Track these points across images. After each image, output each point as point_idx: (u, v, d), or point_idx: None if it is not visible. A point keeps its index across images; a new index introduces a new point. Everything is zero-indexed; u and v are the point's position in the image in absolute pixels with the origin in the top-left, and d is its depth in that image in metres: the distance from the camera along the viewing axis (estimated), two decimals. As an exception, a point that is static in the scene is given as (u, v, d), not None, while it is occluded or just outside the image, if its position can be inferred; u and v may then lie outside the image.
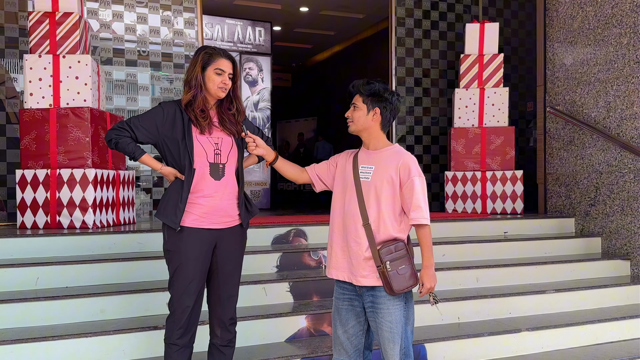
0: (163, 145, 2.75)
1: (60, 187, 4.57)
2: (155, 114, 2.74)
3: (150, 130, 2.71)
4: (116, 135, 2.70)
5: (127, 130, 2.70)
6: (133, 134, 2.70)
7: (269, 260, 4.27)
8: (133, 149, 2.72)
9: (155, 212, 2.80)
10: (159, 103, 2.81)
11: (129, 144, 2.71)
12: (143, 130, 2.71)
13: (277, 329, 3.67)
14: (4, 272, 3.60)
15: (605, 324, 4.21)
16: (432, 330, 3.90)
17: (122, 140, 2.69)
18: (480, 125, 6.23)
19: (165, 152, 2.76)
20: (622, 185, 5.16)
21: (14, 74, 5.70)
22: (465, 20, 7.52)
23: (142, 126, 2.71)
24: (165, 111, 2.73)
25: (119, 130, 2.70)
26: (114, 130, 2.71)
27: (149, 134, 2.72)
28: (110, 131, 2.72)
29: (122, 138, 2.70)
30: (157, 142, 2.75)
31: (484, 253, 4.91)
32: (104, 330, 3.27)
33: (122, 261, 3.87)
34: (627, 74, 5.16)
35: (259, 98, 8.75)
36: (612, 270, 5.01)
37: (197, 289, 2.74)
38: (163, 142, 2.74)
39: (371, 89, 2.63)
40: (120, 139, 2.69)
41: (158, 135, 2.73)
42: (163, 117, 2.72)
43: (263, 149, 2.75)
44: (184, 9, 6.40)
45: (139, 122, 2.72)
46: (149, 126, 2.71)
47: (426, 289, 2.60)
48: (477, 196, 6.13)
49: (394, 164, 2.59)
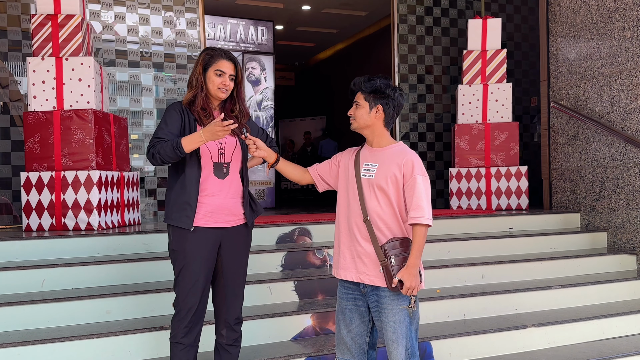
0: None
1: (65, 189, 4.59)
2: (171, 114, 2.74)
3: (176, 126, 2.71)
4: (153, 151, 2.65)
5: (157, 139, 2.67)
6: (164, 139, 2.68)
7: (273, 259, 4.28)
8: (172, 145, 2.61)
9: (164, 218, 2.80)
10: (168, 106, 2.82)
11: (165, 145, 2.63)
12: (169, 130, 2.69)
13: (282, 328, 3.68)
14: (10, 275, 3.62)
15: (611, 319, 4.20)
16: (437, 328, 3.90)
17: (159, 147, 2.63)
18: (484, 121, 6.21)
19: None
20: (627, 180, 5.13)
21: (17, 77, 5.71)
22: (468, 16, 7.49)
23: (170, 132, 2.69)
24: (177, 111, 2.75)
25: (152, 146, 2.67)
26: (150, 149, 2.68)
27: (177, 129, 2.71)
28: (148, 153, 2.69)
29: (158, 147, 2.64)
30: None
31: (489, 249, 4.90)
32: (110, 332, 3.28)
33: (128, 262, 3.89)
34: (630, 67, 5.14)
35: (262, 97, 8.75)
36: (618, 265, 4.99)
37: (202, 288, 2.75)
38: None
39: (373, 86, 2.61)
40: (161, 148, 2.63)
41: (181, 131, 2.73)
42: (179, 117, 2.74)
43: (264, 150, 2.75)
44: (186, 9, 6.40)
45: (163, 127, 2.70)
46: (173, 125, 2.71)
47: (406, 288, 2.47)
48: (482, 192, 6.11)
49: (397, 162, 2.57)
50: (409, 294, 2.50)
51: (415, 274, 2.49)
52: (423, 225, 2.51)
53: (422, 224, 2.50)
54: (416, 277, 2.49)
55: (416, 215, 2.50)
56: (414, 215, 2.51)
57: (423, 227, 2.51)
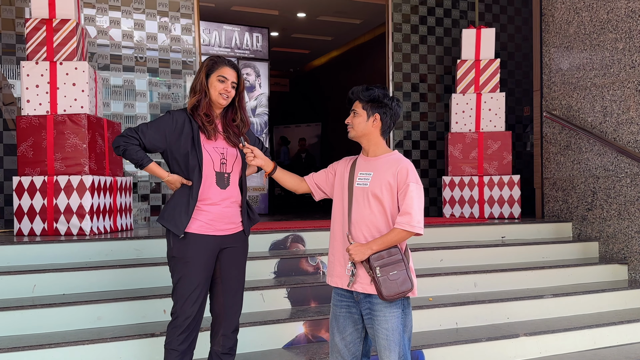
0: (169, 154, 2.77)
1: (58, 194, 4.57)
2: (165, 122, 2.76)
3: (158, 137, 2.73)
4: (124, 143, 2.70)
5: (135, 138, 2.70)
6: (141, 142, 2.70)
7: (266, 266, 4.27)
8: (141, 157, 2.72)
9: (158, 217, 2.81)
10: (168, 111, 2.83)
11: (137, 152, 2.71)
12: (151, 137, 2.72)
13: (275, 336, 3.67)
14: (0, 280, 3.59)
15: (603, 329, 4.22)
16: (430, 336, 3.90)
17: (130, 147, 2.69)
18: (477, 130, 6.25)
19: (171, 160, 2.79)
20: (619, 190, 5.17)
21: (11, 80, 5.69)
22: (462, 25, 7.54)
23: (149, 133, 2.71)
24: (175, 119, 2.76)
25: (127, 137, 2.70)
26: (122, 137, 2.71)
27: (157, 141, 2.73)
28: (118, 138, 2.72)
29: (130, 145, 2.69)
30: (165, 150, 2.77)
31: (482, 258, 4.91)
32: (101, 338, 3.26)
33: (120, 268, 3.87)
34: (623, 78, 5.18)
35: (257, 103, 8.75)
36: (610, 274, 5.02)
37: (201, 296, 2.76)
38: (169, 151, 2.76)
39: (371, 95, 2.63)
40: (129, 147, 2.69)
41: (166, 143, 2.74)
42: (172, 125, 2.75)
43: (261, 159, 2.76)
44: (181, 15, 6.41)
45: (147, 129, 2.73)
46: (157, 134, 2.73)
47: (349, 255, 2.54)
48: (475, 201, 6.13)
49: (392, 170, 2.58)
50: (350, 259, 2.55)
51: (364, 252, 2.52)
52: (408, 232, 2.52)
53: (407, 230, 2.51)
54: (362, 254, 2.51)
55: (402, 221, 2.51)
56: (400, 220, 2.52)
57: (404, 232, 2.52)
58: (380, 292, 2.49)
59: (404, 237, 2.53)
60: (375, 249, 2.52)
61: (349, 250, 2.55)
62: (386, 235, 2.54)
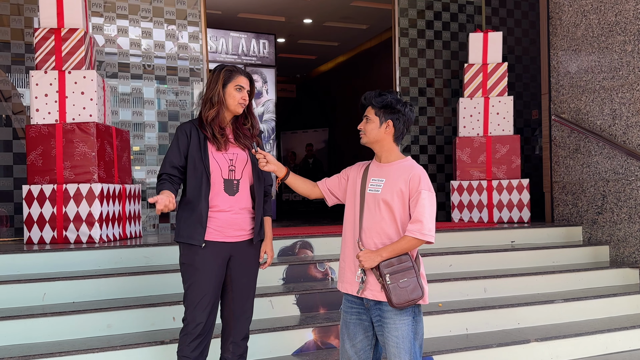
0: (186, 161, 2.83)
1: (67, 202, 4.59)
2: (180, 140, 2.82)
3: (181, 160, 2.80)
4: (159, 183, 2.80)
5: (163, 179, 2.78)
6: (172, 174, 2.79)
7: (275, 272, 4.26)
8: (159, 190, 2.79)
9: (175, 236, 2.85)
10: (177, 127, 2.88)
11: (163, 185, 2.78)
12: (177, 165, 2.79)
13: (284, 342, 3.66)
14: (11, 288, 3.61)
15: (614, 334, 4.18)
16: (440, 342, 3.88)
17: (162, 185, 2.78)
18: (486, 134, 6.22)
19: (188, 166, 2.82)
20: (629, 193, 5.13)
21: (20, 90, 5.73)
22: (469, 29, 7.53)
23: (175, 166, 2.79)
24: (185, 132, 2.82)
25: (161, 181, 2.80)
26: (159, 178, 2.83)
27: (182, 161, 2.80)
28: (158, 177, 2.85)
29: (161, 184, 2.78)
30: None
31: (491, 263, 4.88)
32: (110, 346, 3.26)
33: (129, 275, 3.87)
34: (632, 81, 5.15)
35: (264, 110, 8.78)
36: (621, 278, 4.97)
37: (211, 303, 2.76)
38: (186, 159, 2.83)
39: (384, 101, 2.62)
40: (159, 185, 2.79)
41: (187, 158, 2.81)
42: (186, 140, 2.81)
43: (274, 164, 2.76)
44: (189, 22, 6.44)
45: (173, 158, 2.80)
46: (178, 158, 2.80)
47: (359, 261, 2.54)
48: (484, 205, 6.11)
49: (404, 177, 2.56)
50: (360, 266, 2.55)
51: (374, 258, 2.51)
52: (419, 240, 2.50)
53: (417, 238, 2.49)
54: (372, 260, 2.51)
55: (413, 229, 2.50)
56: (411, 228, 2.50)
57: (414, 240, 2.50)
58: (390, 300, 2.48)
59: (415, 244, 2.52)
60: (385, 256, 2.51)
61: (358, 256, 2.55)
62: (397, 242, 2.52)
